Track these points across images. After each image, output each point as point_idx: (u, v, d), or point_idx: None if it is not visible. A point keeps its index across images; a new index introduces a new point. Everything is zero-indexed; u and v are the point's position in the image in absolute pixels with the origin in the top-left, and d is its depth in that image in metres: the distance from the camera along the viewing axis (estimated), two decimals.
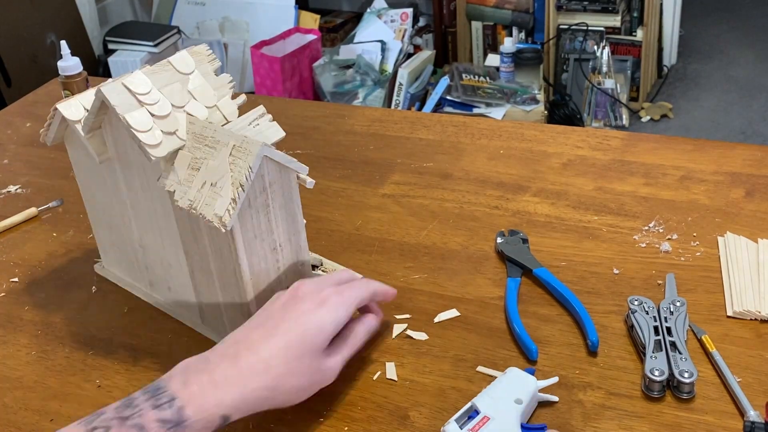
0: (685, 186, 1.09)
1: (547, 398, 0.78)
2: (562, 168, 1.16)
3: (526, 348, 0.84)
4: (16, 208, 1.16)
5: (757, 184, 1.08)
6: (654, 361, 0.79)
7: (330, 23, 3.69)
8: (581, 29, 3.10)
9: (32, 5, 2.95)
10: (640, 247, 0.98)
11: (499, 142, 1.24)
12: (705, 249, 0.97)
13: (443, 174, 1.17)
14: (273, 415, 0.80)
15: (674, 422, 0.76)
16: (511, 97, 3.00)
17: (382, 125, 1.31)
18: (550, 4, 3.12)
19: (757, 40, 3.67)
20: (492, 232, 1.03)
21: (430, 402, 0.80)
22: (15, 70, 2.85)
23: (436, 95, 3.09)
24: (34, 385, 0.86)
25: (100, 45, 3.35)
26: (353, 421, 0.79)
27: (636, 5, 3.12)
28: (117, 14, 3.53)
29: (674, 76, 3.45)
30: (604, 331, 0.86)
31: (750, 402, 0.76)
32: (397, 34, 3.32)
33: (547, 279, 0.93)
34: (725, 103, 3.24)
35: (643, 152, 1.18)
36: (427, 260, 1.00)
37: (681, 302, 0.86)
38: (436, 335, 0.88)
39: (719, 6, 3.97)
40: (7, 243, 1.10)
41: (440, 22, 3.43)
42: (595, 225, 1.03)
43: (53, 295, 1.00)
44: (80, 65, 1.34)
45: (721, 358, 0.81)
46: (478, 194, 1.11)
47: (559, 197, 1.09)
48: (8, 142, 1.37)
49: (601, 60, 3.05)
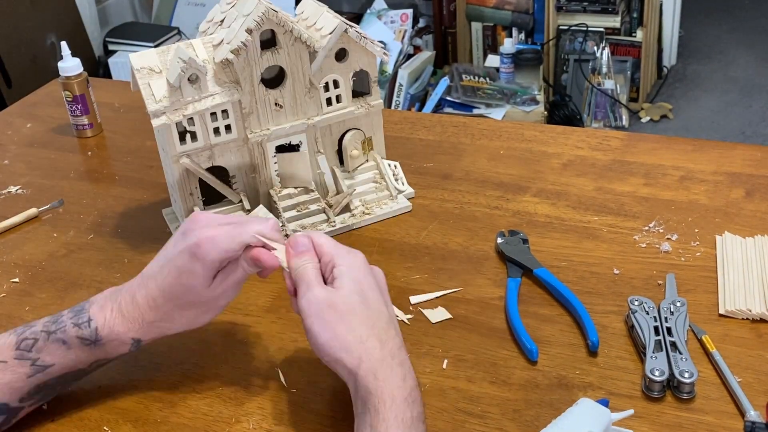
0: (685, 186, 1.09)
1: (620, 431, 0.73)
2: (562, 168, 1.16)
3: (527, 348, 0.84)
4: (16, 208, 1.16)
5: (756, 184, 1.08)
6: (654, 361, 0.79)
7: None
8: (581, 30, 3.10)
9: (32, 6, 2.95)
10: (641, 248, 0.98)
11: (499, 142, 1.24)
12: (705, 249, 0.97)
13: (443, 174, 1.17)
14: (273, 415, 0.80)
15: (674, 422, 0.76)
16: (511, 97, 3.00)
17: None
18: (550, 5, 3.12)
19: (757, 40, 3.67)
20: (492, 233, 1.03)
21: (430, 402, 0.80)
22: (15, 70, 2.85)
23: (436, 96, 3.09)
24: None
25: (100, 46, 3.35)
26: (353, 422, 0.78)
27: (636, 6, 3.12)
28: (117, 15, 3.53)
29: (674, 76, 3.45)
30: (605, 331, 0.86)
31: (750, 402, 0.76)
32: (397, 35, 3.32)
33: (547, 279, 0.93)
34: (725, 104, 3.24)
35: (643, 152, 1.18)
36: (427, 260, 1.00)
37: (681, 302, 0.86)
38: (436, 335, 0.88)
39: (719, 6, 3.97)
40: (7, 243, 1.10)
41: (440, 23, 3.43)
42: (596, 225, 1.03)
43: (54, 296, 1.00)
44: (80, 66, 1.34)
45: (721, 358, 0.81)
46: (478, 194, 1.11)
47: (559, 197, 1.09)
48: (9, 143, 1.37)
49: (600, 61, 3.05)
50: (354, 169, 1.10)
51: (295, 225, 1.05)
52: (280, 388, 0.83)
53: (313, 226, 1.05)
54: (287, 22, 0.96)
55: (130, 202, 1.17)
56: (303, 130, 1.05)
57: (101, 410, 0.82)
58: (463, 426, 0.77)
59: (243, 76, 0.98)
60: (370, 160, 1.12)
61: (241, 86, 0.99)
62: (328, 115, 1.05)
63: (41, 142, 1.37)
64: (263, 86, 1.00)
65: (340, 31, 1.00)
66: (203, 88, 0.98)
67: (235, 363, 0.87)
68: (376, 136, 1.11)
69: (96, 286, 1.01)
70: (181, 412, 0.81)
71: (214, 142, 1.01)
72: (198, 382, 0.85)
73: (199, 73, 0.97)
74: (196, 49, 1.01)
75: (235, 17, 0.99)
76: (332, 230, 1.05)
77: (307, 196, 1.07)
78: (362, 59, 1.05)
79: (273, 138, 1.03)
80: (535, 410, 0.78)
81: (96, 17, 3.36)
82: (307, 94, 1.03)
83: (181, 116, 0.97)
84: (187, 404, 0.82)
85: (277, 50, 0.98)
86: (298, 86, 1.02)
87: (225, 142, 1.02)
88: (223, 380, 0.85)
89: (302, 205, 1.06)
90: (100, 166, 1.29)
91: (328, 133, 1.07)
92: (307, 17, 1.06)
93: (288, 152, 1.05)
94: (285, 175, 1.06)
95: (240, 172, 1.05)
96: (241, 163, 1.04)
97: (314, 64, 1.01)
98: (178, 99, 0.97)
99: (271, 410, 0.81)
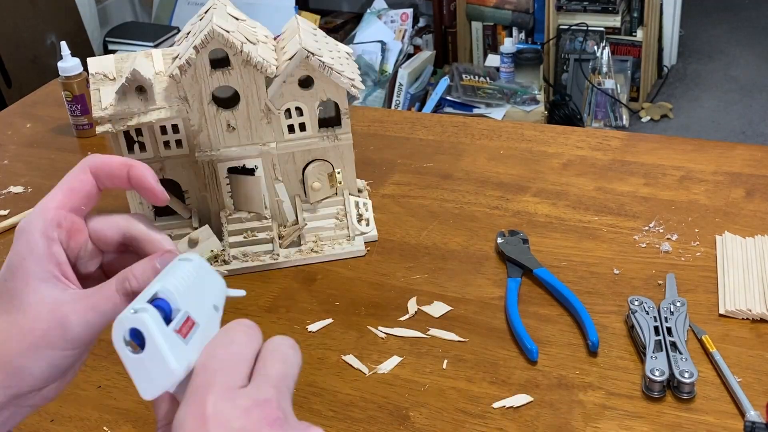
0: (685, 186, 1.09)
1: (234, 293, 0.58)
2: (563, 168, 1.16)
3: (526, 348, 0.84)
4: (16, 208, 1.16)
5: (757, 184, 1.08)
6: (654, 361, 0.79)
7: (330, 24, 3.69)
8: (581, 29, 3.10)
9: (32, 6, 2.95)
10: (641, 248, 0.98)
11: (499, 142, 1.24)
12: (705, 249, 0.97)
13: (443, 174, 1.17)
14: None
15: (674, 422, 0.76)
16: (511, 97, 3.00)
17: (382, 126, 1.31)
18: (550, 5, 3.11)
19: (757, 40, 3.67)
20: (492, 233, 1.03)
21: (430, 402, 0.80)
22: (15, 70, 2.85)
23: (436, 96, 3.09)
24: None
25: (100, 46, 3.35)
26: (353, 421, 0.79)
27: (636, 5, 3.12)
28: (117, 15, 3.53)
29: (674, 76, 3.45)
30: (604, 331, 0.86)
31: (750, 402, 0.76)
32: (397, 35, 3.32)
33: (547, 279, 0.93)
34: (725, 103, 3.24)
35: (643, 152, 1.18)
36: (427, 260, 1.00)
37: (681, 302, 0.86)
38: (436, 335, 0.88)
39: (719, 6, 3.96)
40: (7, 243, 1.10)
41: (440, 23, 3.42)
42: (596, 225, 1.03)
43: None
44: (80, 66, 1.34)
45: (721, 358, 0.81)
46: (478, 194, 1.11)
47: (559, 197, 1.09)
48: (9, 143, 1.37)
49: (601, 60, 3.04)
50: (317, 201, 1.04)
51: (236, 251, 1.01)
52: None
53: (255, 256, 1.01)
54: (234, 44, 0.91)
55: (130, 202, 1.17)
56: (257, 155, 1.00)
57: (101, 410, 0.82)
58: (463, 426, 0.77)
59: (191, 93, 0.95)
60: (340, 195, 1.05)
61: (189, 103, 0.96)
62: (289, 143, 1.00)
63: (41, 142, 1.37)
64: (215, 105, 0.97)
65: (299, 58, 0.94)
66: (150, 101, 0.96)
67: None
68: (346, 171, 1.04)
69: None
70: None
71: (164, 155, 1.00)
72: None
73: (145, 85, 0.95)
74: (154, 60, 0.99)
75: (197, 32, 0.96)
76: (273, 263, 1.00)
77: (258, 223, 1.02)
78: (329, 89, 0.98)
79: (223, 159, 1.00)
80: (535, 410, 0.78)
81: (96, 17, 3.36)
82: (263, 119, 0.98)
83: (125, 126, 0.96)
84: None
85: (229, 71, 0.94)
86: (252, 109, 0.97)
87: (175, 156, 1.00)
88: None
89: (250, 232, 1.02)
90: None
91: (291, 160, 1.01)
92: (284, 37, 1.02)
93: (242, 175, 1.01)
94: (238, 199, 1.02)
95: (193, 188, 1.03)
96: (192, 180, 1.02)
97: (270, 88, 0.96)
98: (123, 109, 0.96)
99: None
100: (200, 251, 0.97)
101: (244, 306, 0.95)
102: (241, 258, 1.01)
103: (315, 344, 0.89)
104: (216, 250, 0.98)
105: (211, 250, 0.98)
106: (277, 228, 1.03)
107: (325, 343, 0.89)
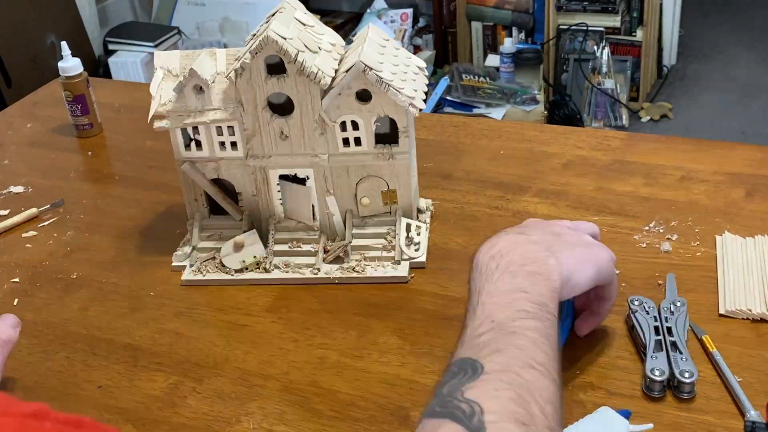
0: (685, 186, 1.09)
1: None
2: (563, 168, 1.16)
3: None
4: (16, 208, 1.16)
5: (757, 184, 1.08)
6: (654, 361, 0.79)
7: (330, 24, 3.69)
8: (581, 29, 3.10)
9: (32, 6, 2.95)
10: (641, 247, 0.98)
11: (499, 142, 1.24)
12: (705, 249, 0.97)
13: (443, 174, 1.17)
14: (273, 415, 0.80)
15: (674, 422, 0.76)
16: (511, 97, 3.00)
17: None
18: (550, 5, 3.11)
19: (757, 40, 3.67)
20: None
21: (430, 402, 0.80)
22: (15, 70, 2.85)
23: (436, 95, 3.09)
24: (34, 385, 0.86)
25: (100, 46, 3.35)
26: (353, 421, 0.79)
27: (636, 5, 3.12)
28: (117, 15, 3.52)
29: (674, 76, 3.45)
30: (605, 331, 0.86)
31: (750, 402, 0.76)
32: (397, 35, 3.32)
33: None
34: (725, 103, 3.24)
35: (643, 152, 1.18)
36: (427, 261, 1.00)
37: (681, 302, 0.86)
38: (436, 335, 0.88)
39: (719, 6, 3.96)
40: (7, 243, 1.10)
41: (440, 23, 3.42)
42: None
43: (54, 296, 1.00)
44: (80, 66, 1.34)
45: (721, 358, 0.81)
46: (479, 194, 1.11)
47: (559, 197, 1.09)
48: (9, 143, 1.37)
49: (600, 60, 3.04)
50: (367, 217, 1.02)
51: (279, 260, 1.00)
52: (280, 388, 0.83)
53: (297, 268, 0.99)
54: (289, 52, 0.91)
55: (130, 202, 1.17)
56: (309, 165, 0.99)
57: (101, 410, 0.82)
58: None
59: (246, 96, 0.95)
60: (393, 215, 1.02)
61: (243, 107, 0.96)
62: (342, 157, 0.98)
63: (41, 142, 1.37)
64: (269, 111, 0.96)
65: (356, 71, 0.91)
66: (207, 101, 0.96)
67: (236, 363, 0.87)
68: (402, 191, 1.01)
69: (96, 286, 1.01)
70: (181, 412, 0.81)
71: (219, 156, 1.00)
72: (198, 382, 0.85)
73: (203, 84, 0.95)
74: (218, 59, 0.99)
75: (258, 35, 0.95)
76: (313, 278, 0.98)
77: (305, 234, 1.01)
78: (387, 105, 0.94)
79: (274, 166, 0.99)
80: None
81: (96, 17, 3.36)
82: (317, 130, 0.96)
83: (181, 123, 0.97)
84: (187, 404, 0.82)
85: (284, 78, 0.93)
86: (306, 119, 0.96)
87: (230, 158, 1.00)
88: (223, 380, 0.85)
89: (296, 242, 1.01)
90: (100, 166, 1.29)
91: (345, 174, 0.99)
92: (351, 47, 1.00)
93: (294, 183, 1.01)
94: (288, 207, 1.02)
95: (246, 191, 1.02)
96: (246, 182, 1.01)
97: (325, 99, 0.94)
98: (181, 106, 0.96)
99: (271, 410, 0.81)
100: (244, 256, 0.98)
101: (245, 306, 0.95)
102: (282, 268, 0.99)
103: (315, 344, 0.89)
104: (259, 257, 0.98)
105: (254, 255, 0.98)
106: (325, 241, 1.01)
107: (326, 343, 0.89)
